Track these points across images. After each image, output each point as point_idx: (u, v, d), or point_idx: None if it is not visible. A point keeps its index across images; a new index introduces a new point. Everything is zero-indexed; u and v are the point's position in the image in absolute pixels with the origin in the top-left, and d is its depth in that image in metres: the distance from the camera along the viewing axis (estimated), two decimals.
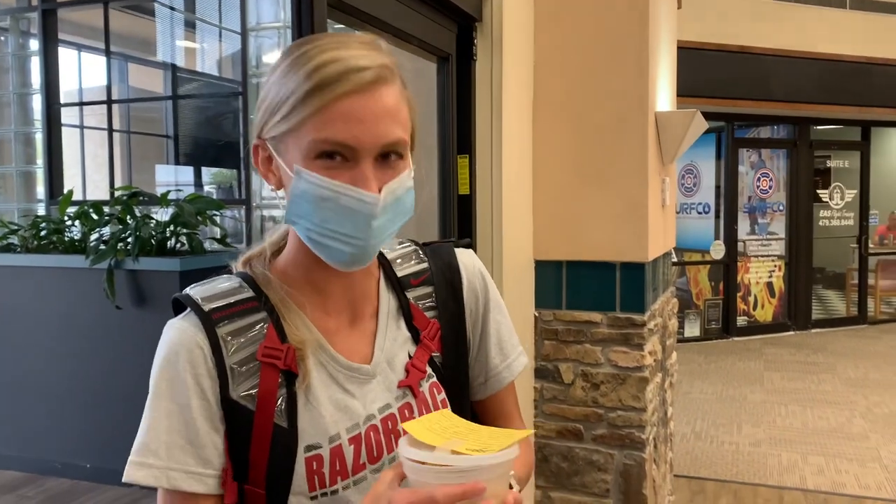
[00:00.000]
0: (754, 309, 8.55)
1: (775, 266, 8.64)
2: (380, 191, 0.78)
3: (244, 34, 5.35)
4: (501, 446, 0.69)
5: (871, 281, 9.32)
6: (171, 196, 4.29)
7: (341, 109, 0.77)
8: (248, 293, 0.84)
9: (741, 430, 5.03)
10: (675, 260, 7.07)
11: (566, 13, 2.74)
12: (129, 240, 3.85)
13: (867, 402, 5.69)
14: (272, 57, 5.40)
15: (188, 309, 0.83)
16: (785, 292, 8.67)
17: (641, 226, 2.68)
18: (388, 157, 0.80)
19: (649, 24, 2.66)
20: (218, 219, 4.43)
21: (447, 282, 0.95)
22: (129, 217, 3.96)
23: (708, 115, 3.21)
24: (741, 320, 8.42)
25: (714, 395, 5.95)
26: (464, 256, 0.99)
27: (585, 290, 2.77)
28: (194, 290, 0.85)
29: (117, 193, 4.36)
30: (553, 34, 2.76)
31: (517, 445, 0.71)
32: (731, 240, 8.31)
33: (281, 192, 0.84)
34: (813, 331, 8.65)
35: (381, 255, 0.94)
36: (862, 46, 8.01)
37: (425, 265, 0.96)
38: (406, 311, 0.92)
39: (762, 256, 8.59)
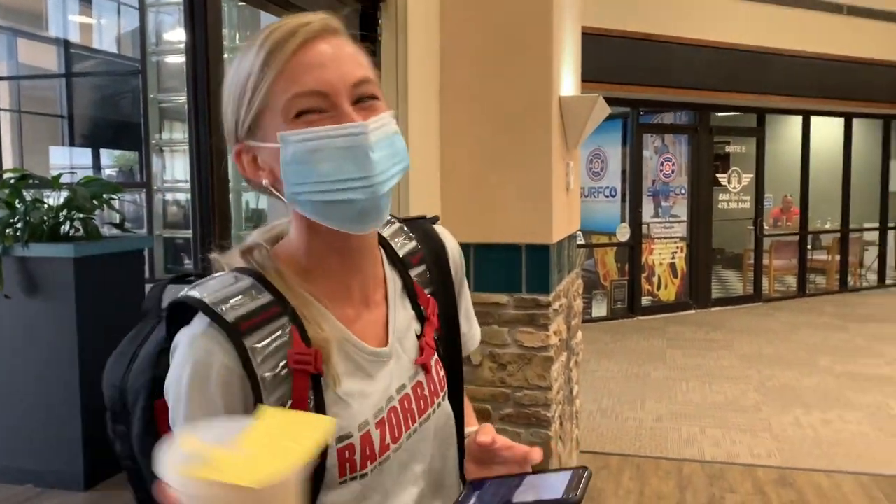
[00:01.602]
0: (658, 289, 8.87)
1: (678, 248, 8.99)
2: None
3: (143, 9, 5.13)
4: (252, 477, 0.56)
5: (765, 261, 9.82)
6: (65, 179, 4.08)
7: (301, 61, 0.77)
8: (268, 296, 0.79)
9: (644, 407, 5.23)
10: (581, 242, 7.26)
11: None
12: (19, 225, 3.64)
13: (760, 375, 6.01)
14: (174, 35, 5.20)
15: (203, 317, 0.76)
16: (687, 273, 9.04)
17: (546, 209, 2.72)
18: (363, 101, 0.79)
19: (553, 10, 2.70)
20: (116, 203, 4.25)
21: (437, 259, 0.98)
22: (17, 201, 3.74)
23: (613, 101, 3.29)
24: (646, 300, 8.73)
25: (620, 373, 6.15)
26: (444, 233, 1.02)
27: (493, 273, 2.81)
28: (206, 295, 0.77)
29: (5, 176, 4.12)
30: (459, 19, 2.76)
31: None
32: (635, 223, 8.58)
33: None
34: (713, 309, 9.06)
35: (380, 235, 0.93)
36: (759, 36, 8.39)
37: (415, 243, 0.97)
38: (410, 291, 0.93)
39: (665, 238, 8.91)
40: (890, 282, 11.14)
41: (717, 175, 9.40)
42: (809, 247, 10.33)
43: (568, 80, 3.08)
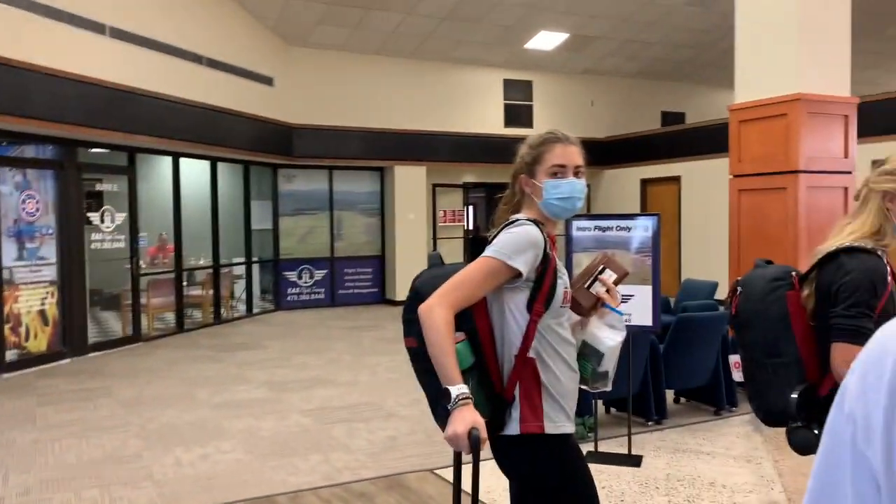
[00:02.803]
0: (27, 340, 7.96)
1: (48, 292, 8.23)
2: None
3: None
4: None
5: (143, 300, 9.78)
6: None
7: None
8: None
9: (8, 481, 4.56)
10: None
11: None
12: None
13: (141, 419, 5.90)
14: None
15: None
16: (59, 318, 8.35)
17: None
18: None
19: None
20: None
21: None
22: None
23: None
24: (12, 354, 7.73)
25: None
26: None
27: None
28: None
29: None
30: None
31: None
32: None
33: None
34: (91, 355, 8.57)
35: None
36: (125, 74, 8.34)
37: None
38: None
39: (33, 283, 8.07)
40: (257, 310, 12.38)
41: (89, 213, 8.97)
42: (185, 283, 10.72)
43: None
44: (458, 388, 1.82)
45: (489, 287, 1.96)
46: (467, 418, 1.79)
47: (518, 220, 2.04)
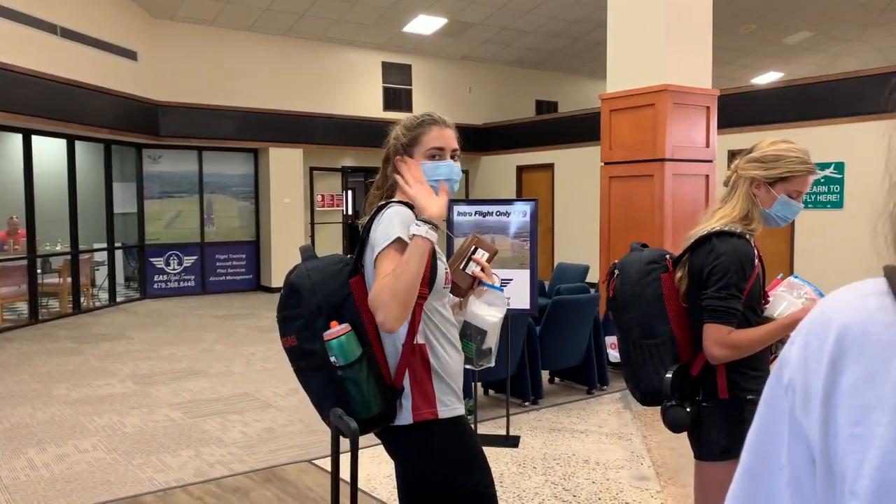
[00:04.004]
0: None
1: None
2: None
3: None
4: None
5: None
6: None
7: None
8: None
9: None
10: None
11: None
12: None
13: None
14: None
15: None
16: None
17: None
18: None
19: None
20: None
21: None
22: None
23: None
24: None
25: None
26: None
27: None
28: None
29: None
30: None
31: None
32: None
33: None
34: None
35: None
36: None
37: None
38: None
39: None
40: (121, 299, 11.68)
41: None
42: (40, 270, 9.95)
43: None
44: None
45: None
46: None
47: (388, 203, 1.98)
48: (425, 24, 13.05)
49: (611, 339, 2.60)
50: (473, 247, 2.24)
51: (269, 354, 7.61)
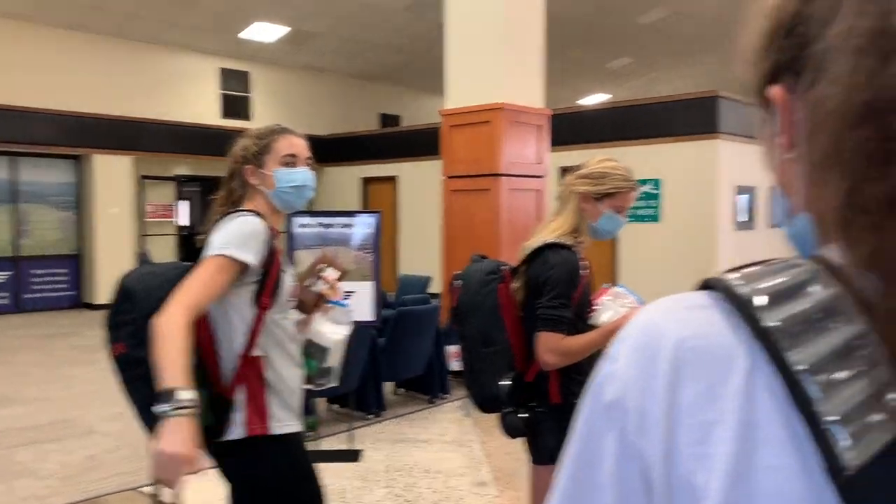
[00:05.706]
0: None
1: None
2: None
3: None
4: None
5: None
6: None
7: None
8: None
9: None
10: None
11: None
12: None
13: None
14: None
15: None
16: None
17: None
18: None
19: None
20: None
21: None
22: None
23: None
24: None
25: None
26: None
27: None
28: None
29: None
30: None
31: None
32: None
33: None
34: None
35: None
36: None
37: None
38: None
39: None
40: None
41: None
42: None
43: None
44: (186, 392, 1.59)
45: (222, 285, 1.82)
46: (186, 438, 1.57)
47: (237, 211, 1.93)
48: (266, 32, 12.77)
49: (453, 349, 2.67)
50: (324, 265, 2.25)
51: (91, 376, 7.07)
